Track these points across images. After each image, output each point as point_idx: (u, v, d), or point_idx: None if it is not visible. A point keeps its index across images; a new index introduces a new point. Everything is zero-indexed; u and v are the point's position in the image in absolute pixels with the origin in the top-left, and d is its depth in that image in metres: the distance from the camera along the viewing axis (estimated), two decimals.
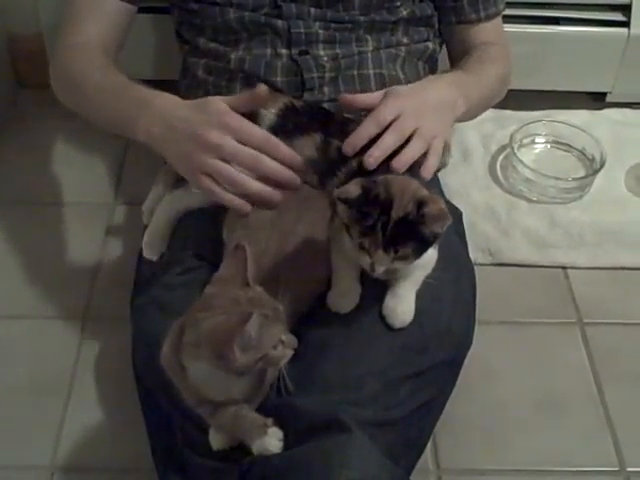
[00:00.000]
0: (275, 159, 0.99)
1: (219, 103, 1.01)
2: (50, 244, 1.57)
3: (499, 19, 1.37)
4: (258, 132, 1.00)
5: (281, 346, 0.92)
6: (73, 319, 1.45)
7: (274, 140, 1.00)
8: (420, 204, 0.95)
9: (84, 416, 1.31)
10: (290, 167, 1.00)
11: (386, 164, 1.04)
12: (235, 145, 0.98)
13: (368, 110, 1.09)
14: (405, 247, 0.95)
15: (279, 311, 0.93)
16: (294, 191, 1.01)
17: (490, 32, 1.35)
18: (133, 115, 1.08)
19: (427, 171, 1.06)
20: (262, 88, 1.03)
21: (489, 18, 1.34)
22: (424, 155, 1.07)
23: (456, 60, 1.36)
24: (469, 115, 1.25)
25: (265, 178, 0.99)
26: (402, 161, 1.04)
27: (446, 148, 1.14)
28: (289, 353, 0.93)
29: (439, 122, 1.11)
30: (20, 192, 1.68)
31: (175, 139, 1.02)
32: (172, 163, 1.06)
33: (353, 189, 0.96)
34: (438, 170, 1.15)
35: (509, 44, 1.40)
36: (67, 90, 1.25)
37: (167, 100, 1.07)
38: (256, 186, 0.99)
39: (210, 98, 1.03)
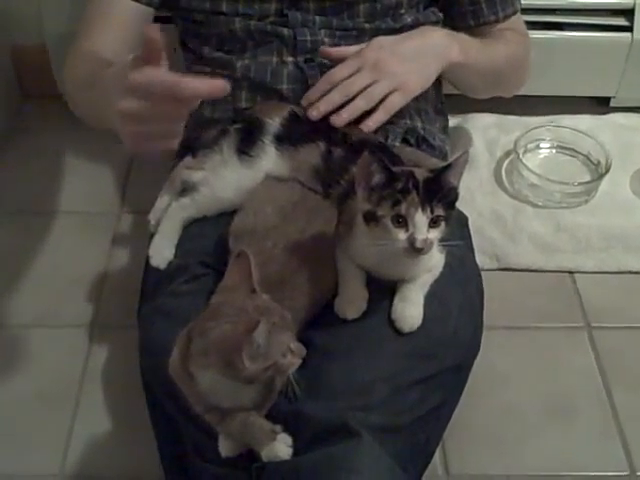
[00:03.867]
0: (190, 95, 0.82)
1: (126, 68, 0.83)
2: (56, 253, 1.58)
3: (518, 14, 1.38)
4: (165, 78, 0.82)
5: (290, 354, 0.91)
6: (80, 328, 1.45)
7: (182, 81, 0.82)
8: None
9: (92, 424, 1.31)
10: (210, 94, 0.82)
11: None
12: (147, 107, 0.82)
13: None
14: (438, 206, 0.96)
15: (287, 319, 0.92)
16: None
17: (507, 25, 1.36)
18: (104, 104, 0.94)
19: (368, 123, 1.16)
20: (152, 26, 0.82)
21: (507, 18, 1.35)
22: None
23: None
24: (470, 79, 1.26)
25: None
26: (340, 118, 1.15)
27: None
28: (297, 362, 0.93)
29: (410, 72, 1.16)
30: (26, 202, 1.69)
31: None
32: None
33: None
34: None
35: (528, 35, 1.39)
36: (70, 95, 1.24)
37: (112, 76, 0.94)
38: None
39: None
